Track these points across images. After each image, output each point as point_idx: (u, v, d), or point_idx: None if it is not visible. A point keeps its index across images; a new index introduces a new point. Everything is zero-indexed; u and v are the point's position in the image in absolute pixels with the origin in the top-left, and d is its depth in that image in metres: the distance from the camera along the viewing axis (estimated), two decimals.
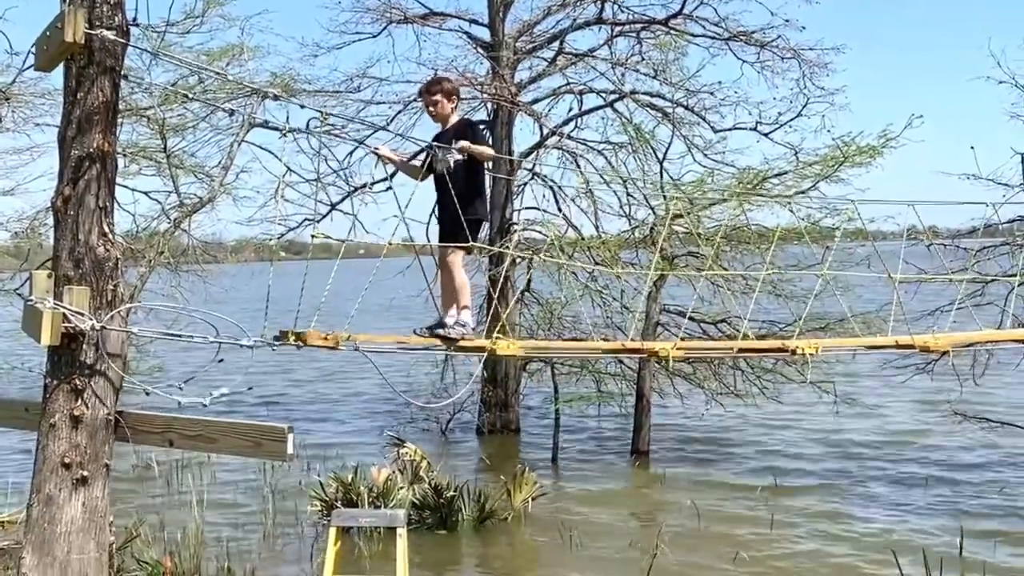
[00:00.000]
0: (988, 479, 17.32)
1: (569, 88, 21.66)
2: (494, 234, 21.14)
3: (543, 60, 21.96)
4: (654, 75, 20.89)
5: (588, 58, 21.32)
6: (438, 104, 8.00)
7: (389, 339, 7.77)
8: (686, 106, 20.71)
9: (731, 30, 20.54)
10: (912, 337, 9.26)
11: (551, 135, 21.38)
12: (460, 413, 22.12)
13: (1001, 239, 17.76)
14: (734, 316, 18.78)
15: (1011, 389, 23.47)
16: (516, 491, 15.06)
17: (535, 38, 21.82)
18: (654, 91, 21.02)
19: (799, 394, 21.60)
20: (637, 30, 21.09)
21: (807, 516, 15.29)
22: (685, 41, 20.85)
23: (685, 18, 20.59)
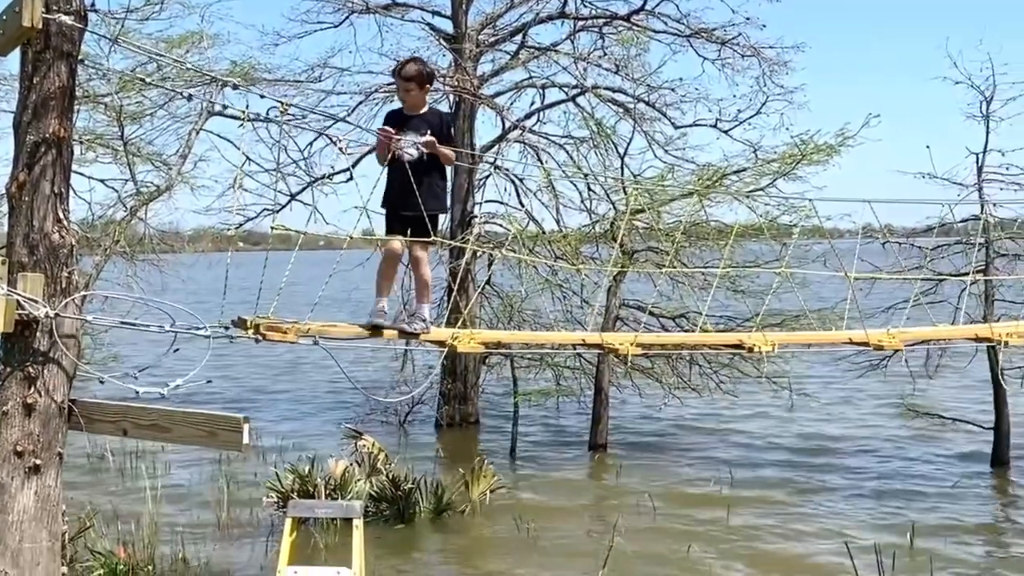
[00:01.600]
0: (939, 473, 17.56)
1: (531, 82, 21.68)
2: (455, 227, 21.14)
3: (506, 53, 21.96)
4: (616, 70, 20.96)
5: (551, 52, 21.34)
6: (412, 92, 7.81)
7: (349, 331, 7.76)
8: (647, 102, 20.80)
9: (692, 27, 20.65)
10: (867, 333, 9.37)
11: (513, 129, 21.39)
12: (419, 406, 22.11)
13: (955, 238, 17.99)
14: (693, 311, 18.91)
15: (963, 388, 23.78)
16: (474, 483, 15.08)
17: (498, 31, 21.82)
18: (616, 86, 21.12)
19: (755, 389, 21.79)
20: (600, 25, 21.15)
21: (762, 509, 15.44)
22: (647, 37, 20.93)
23: (647, 14, 20.67)
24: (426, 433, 21.57)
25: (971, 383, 23.28)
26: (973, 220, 17.09)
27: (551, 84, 21.49)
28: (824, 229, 17.64)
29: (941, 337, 11.35)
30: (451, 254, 20.07)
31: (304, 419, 23.15)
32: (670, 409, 21.80)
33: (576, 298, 20.69)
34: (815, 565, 12.87)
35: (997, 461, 17.77)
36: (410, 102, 7.86)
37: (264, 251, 7.31)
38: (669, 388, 20.78)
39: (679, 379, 20.60)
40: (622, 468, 18.00)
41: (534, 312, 21.02)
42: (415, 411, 22.10)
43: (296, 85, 20.86)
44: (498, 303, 21.49)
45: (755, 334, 9.14)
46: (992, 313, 16.79)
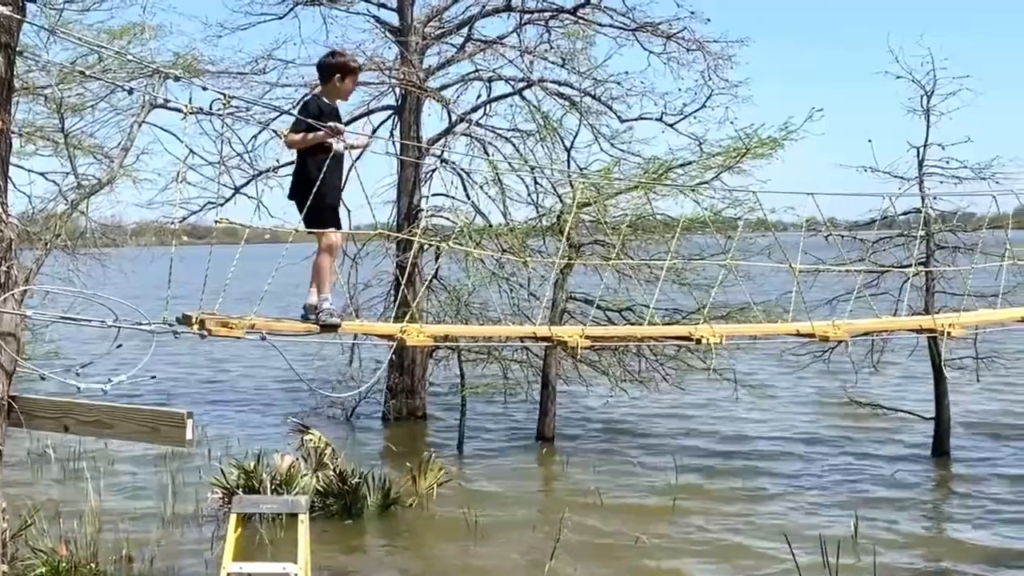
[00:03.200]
0: (881, 464, 17.83)
1: (478, 75, 21.64)
2: (402, 220, 21.07)
3: (452, 46, 21.92)
4: (562, 64, 21.00)
5: (497, 45, 21.32)
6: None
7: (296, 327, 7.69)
8: (593, 95, 20.86)
9: (638, 21, 20.73)
10: (812, 325, 9.48)
11: (459, 122, 21.35)
12: (366, 400, 22.01)
13: (897, 231, 18.24)
14: (639, 304, 19.01)
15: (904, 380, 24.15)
16: (421, 477, 15.06)
17: (444, 24, 21.76)
18: (562, 80, 21.14)
19: (701, 381, 21.97)
20: (546, 18, 21.17)
21: (708, 501, 15.58)
22: (593, 31, 21.00)
23: (593, 8, 20.72)
24: (373, 427, 21.51)
25: (912, 375, 23.66)
26: (914, 213, 17.35)
27: (498, 77, 21.49)
28: (768, 222, 17.83)
29: (885, 328, 11.51)
30: (398, 248, 19.99)
31: (250, 415, 22.98)
32: (617, 402, 21.91)
33: (523, 291, 20.71)
34: (760, 555, 13.00)
35: (938, 451, 18.07)
36: (347, 96, 7.95)
37: (209, 245, 7.23)
38: (616, 381, 20.89)
39: (626, 372, 20.71)
40: (569, 460, 18.08)
41: (481, 306, 21.03)
42: (362, 406, 22.01)
43: (240, 77, 20.65)
44: (445, 297, 21.45)
45: (703, 326, 9.20)
46: (933, 304, 17.07)
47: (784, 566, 12.20)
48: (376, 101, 22.22)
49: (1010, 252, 11.10)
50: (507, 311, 20.77)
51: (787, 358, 22.14)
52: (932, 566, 12.77)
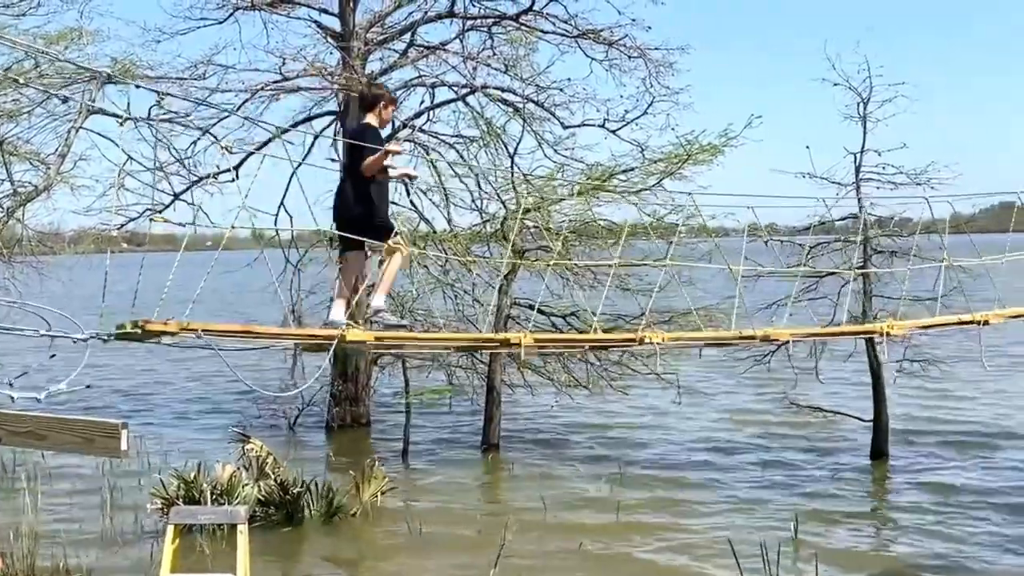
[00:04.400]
0: (821, 466, 18.03)
1: (421, 81, 21.56)
2: None
3: (395, 52, 21.82)
4: (505, 70, 20.98)
5: (440, 51, 21.25)
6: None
7: (235, 328, 7.61)
8: (536, 102, 20.88)
9: (580, 28, 20.78)
10: (754, 329, 9.59)
11: (403, 128, 21.25)
12: (309, 408, 21.84)
13: (835, 236, 18.47)
14: (583, 309, 19.06)
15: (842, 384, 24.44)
16: (365, 486, 14.96)
17: (386, 29, 21.65)
18: (505, 86, 21.12)
19: (645, 386, 22.08)
20: (489, 25, 21.15)
21: (651, 504, 15.66)
22: (535, 37, 21.00)
23: (535, 14, 20.74)
24: (317, 436, 21.34)
25: (850, 379, 23.94)
26: (852, 218, 17.58)
27: (441, 83, 21.42)
28: (709, 228, 17.99)
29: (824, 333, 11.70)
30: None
31: (192, 424, 22.70)
32: (562, 407, 21.95)
33: (467, 297, 20.68)
34: (704, 559, 13.10)
35: (876, 453, 18.32)
36: (387, 123, 9.23)
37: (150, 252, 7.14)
38: (561, 386, 20.93)
39: (571, 377, 20.75)
40: (514, 467, 18.08)
41: (426, 312, 20.96)
42: (305, 414, 21.82)
43: (179, 82, 20.38)
44: (389, 303, 21.30)
45: (651, 331, 9.29)
46: (871, 308, 17.31)
47: (728, 572, 12.30)
48: (318, 107, 22.11)
49: (946, 256, 11.28)
50: (451, 317, 20.73)
51: (729, 363, 22.34)
52: (871, 568, 12.94)
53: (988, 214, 25.62)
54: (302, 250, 21.73)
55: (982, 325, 10.16)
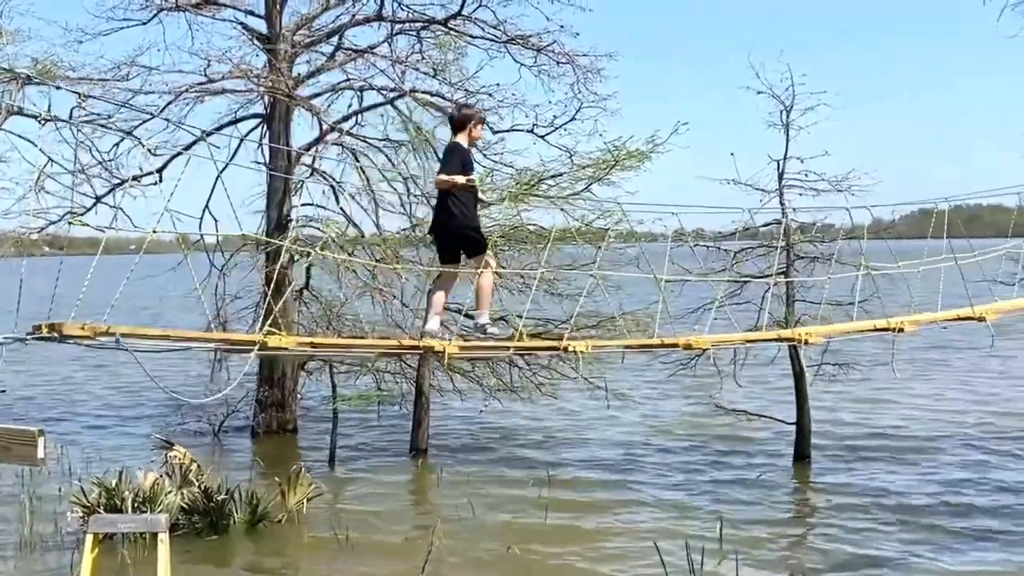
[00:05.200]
0: (745, 469, 18.26)
1: (349, 84, 21.44)
2: (271, 231, 20.72)
3: (322, 55, 21.65)
4: (434, 74, 20.93)
5: (368, 55, 21.15)
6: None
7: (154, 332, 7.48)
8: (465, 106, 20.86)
9: (509, 33, 20.82)
10: (676, 336, 9.69)
11: (330, 131, 21.12)
12: (234, 414, 21.57)
13: (758, 242, 18.71)
14: (511, 314, 19.08)
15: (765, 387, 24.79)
16: (291, 492, 14.81)
17: (314, 32, 21.49)
18: (434, 90, 21.08)
19: (573, 390, 22.17)
20: (417, 29, 21.11)
21: (579, 508, 15.73)
22: (464, 42, 21.00)
23: (464, 19, 20.74)
24: (242, 442, 21.07)
25: (773, 383, 24.29)
26: (775, 224, 17.82)
27: (369, 87, 21.31)
28: (637, 233, 18.13)
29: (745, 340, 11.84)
30: (267, 259, 19.67)
31: (114, 431, 22.29)
32: (491, 411, 21.96)
33: (396, 302, 20.58)
34: (630, 561, 13.18)
35: (799, 455, 18.59)
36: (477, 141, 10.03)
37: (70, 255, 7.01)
38: (490, 391, 20.93)
39: (499, 381, 20.76)
40: (443, 472, 18.03)
41: (354, 317, 20.84)
42: (231, 420, 21.55)
43: (101, 84, 20.02)
44: (317, 308, 21.19)
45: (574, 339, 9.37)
46: (793, 314, 17.57)
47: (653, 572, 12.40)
48: (244, 109, 21.87)
49: (864, 263, 11.48)
50: (380, 322, 20.63)
51: (655, 367, 22.52)
52: (792, 565, 13.13)
53: (908, 220, 26.13)
54: (227, 254, 21.47)
55: (897, 332, 10.36)
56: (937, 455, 19.06)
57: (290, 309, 20.60)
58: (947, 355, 32.47)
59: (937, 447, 19.74)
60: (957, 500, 15.92)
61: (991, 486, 16.68)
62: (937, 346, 33.17)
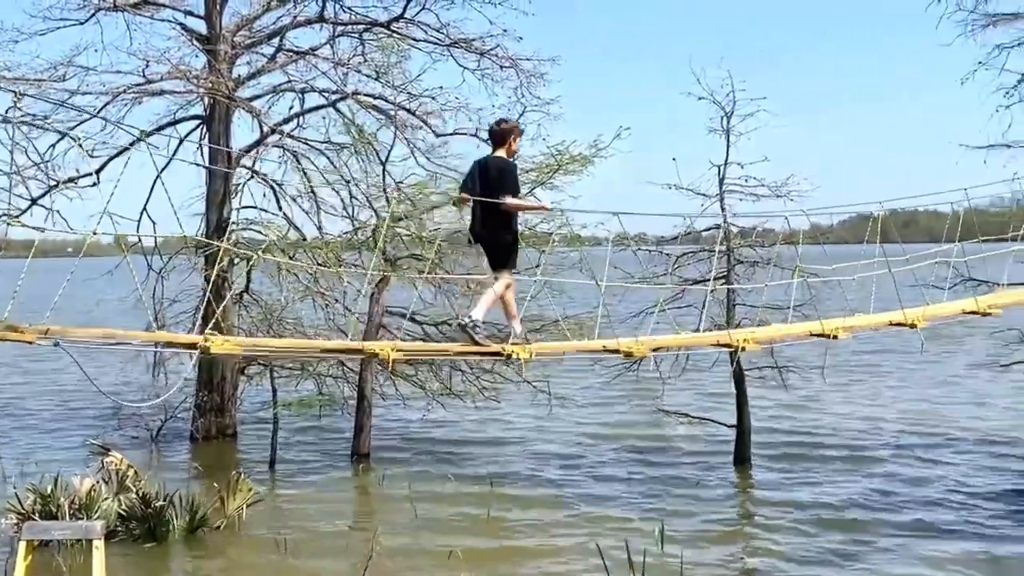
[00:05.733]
0: (687, 472, 18.38)
1: (290, 86, 21.28)
2: (211, 233, 20.50)
3: (263, 56, 21.46)
4: (376, 77, 20.83)
5: (310, 56, 21.01)
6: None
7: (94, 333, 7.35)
8: (408, 109, 20.81)
9: (452, 37, 20.82)
10: (618, 341, 9.72)
11: (271, 133, 20.94)
12: (173, 419, 21.28)
13: (700, 246, 18.85)
14: (455, 318, 19.03)
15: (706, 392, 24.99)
16: (230, 498, 14.65)
17: (255, 33, 21.28)
18: (377, 93, 20.98)
19: (516, 394, 22.17)
20: (359, 31, 21.01)
21: (522, 512, 15.73)
22: (407, 45, 20.94)
23: (407, 22, 20.69)
24: (181, 448, 20.79)
25: (711, 389, 24.49)
26: (715, 229, 17.98)
27: (311, 89, 21.16)
28: (581, 237, 18.19)
29: (684, 344, 11.89)
30: (207, 262, 19.45)
31: (51, 437, 21.88)
32: (434, 415, 21.89)
33: (338, 305, 20.47)
34: (571, 564, 13.21)
35: (739, 458, 18.76)
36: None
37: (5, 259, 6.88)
38: (433, 394, 20.86)
39: (443, 385, 20.71)
40: (385, 476, 17.94)
41: (295, 321, 20.68)
42: (169, 425, 21.26)
43: (37, 83, 19.66)
44: (257, 312, 20.99)
45: (517, 344, 9.35)
46: (734, 317, 17.73)
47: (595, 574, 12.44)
48: (183, 110, 21.62)
49: (800, 269, 11.60)
50: (322, 326, 20.51)
51: (598, 370, 22.58)
52: (733, 570, 13.25)
53: (847, 225, 26.49)
54: (166, 257, 21.22)
55: (832, 338, 10.48)
56: (871, 458, 19.35)
57: (230, 313, 20.41)
58: (883, 358, 32.98)
59: (871, 450, 20.04)
60: (888, 503, 16.22)
61: (921, 489, 16.98)
62: (874, 351, 33.71)
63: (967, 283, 16.57)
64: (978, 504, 16.01)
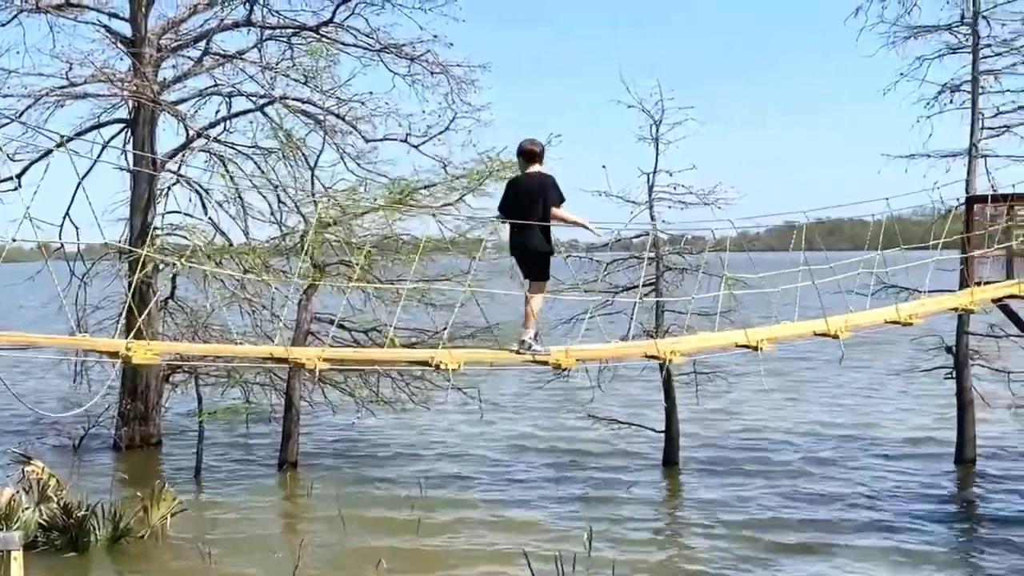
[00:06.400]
0: (616, 476, 18.47)
1: (217, 90, 21.01)
2: (135, 239, 20.14)
3: (189, 59, 21.17)
4: (305, 81, 20.66)
5: (237, 60, 20.78)
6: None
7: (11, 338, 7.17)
8: (337, 114, 20.67)
9: (382, 42, 20.74)
10: (546, 352, 9.75)
11: (197, 137, 20.66)
12: (96, 428, 20.86)
13: (630, 253, 18.98)
14: (384, 325, 18.92)
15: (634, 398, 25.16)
16: (154, 508, 14.39)
17: (181, 36, 20.98)
18: (305, 98, 20.81)
19: (446, 401, 22.12)
20: (288, 35, 20.83)
21: (450, 519, 15.67)
22: (336, 49, 20.80)
23: (336, 26, 20.56)
24: (104, 457, 20.37)
25: (644, 391, 24.66)
26: (645, 236, 18.11)
27: (238, 93, 20.93)
28: None
29: (612, 355, 11.93)
30: (130, 268, 19.12)
31: None
32: (364, 422, 21.73)
33: (266, 312, 20.23)
34: (500, 571, 13.19)
35: (668, 462, 18.91)
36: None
37: None
38: (362, 402, 20.70)
39: (372, 392, 20.56)
40: (313, 484, 17.76)
41: (222, 327, 20.40)
42: (93, 433, 20.83)
43: None
44: (183, 319, 20.68)
45: (442, 352, 9.33)
46: (662, 324, 17.87)
47: None
48: (107, 114, 21.24)
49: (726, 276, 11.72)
50: (249, 333, 20.25)
51: (528, 377, 22.60)
52: (661, 572, 13.33)
53: (774, 233, 26.89)
54: (89, 263, 20.81)
55: (758, 349, 10.60)
56: (793, 461, 19.63)
57: (154, 319, 20.09)
58: (807, 363, 33.47)
59: (793, 454, 20.35)
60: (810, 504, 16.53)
61: (840, 491, 17.28)
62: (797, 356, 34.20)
63: (889, 290, 16.94)
64: (894, 505, 16.37)
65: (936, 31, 19.48)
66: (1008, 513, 15.96)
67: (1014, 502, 16.57)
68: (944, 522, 15.59)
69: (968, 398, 18.86)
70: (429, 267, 19.42)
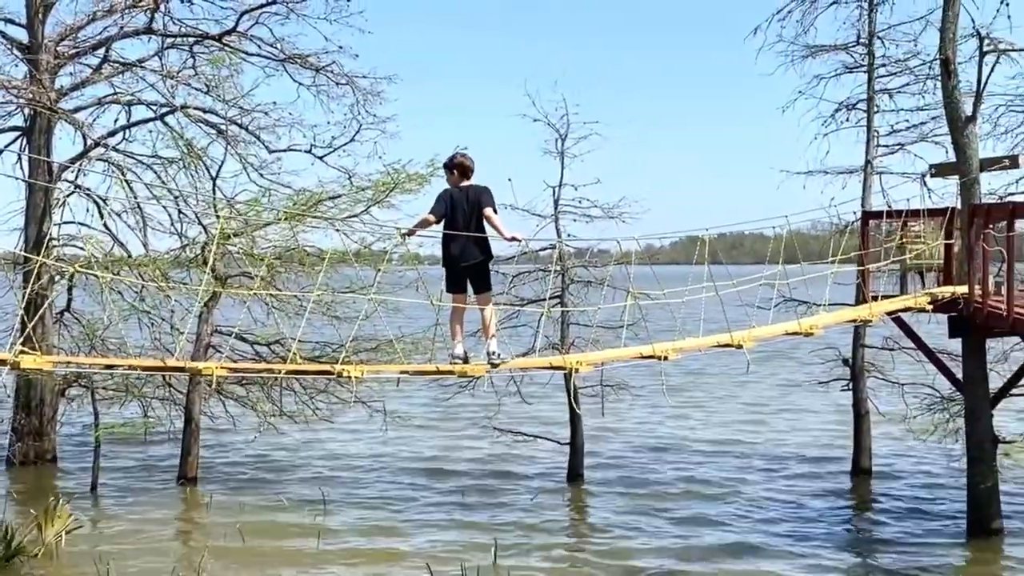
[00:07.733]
0: (520, 489, 18.53)
1: (116, 98, 20.55)
2: (30, 249, 19.58)
3: (88, 67, 20.65)
4: (207, 91, 20.30)
5: (137, 68, 20.36)
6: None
7: None
8: (240, 124, 20.38)
9: (286, 52, 20.52)
10: (452, 364, 9.78)
11: (95, 146, 20.16)
12: None
13: (536, 266, 19.09)
14: (287, 337, 18.69)
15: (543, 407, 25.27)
16: (48, 525, 14.01)
17: (79, 43, 20.48)
18: (207, 107, 20.46)
19: (350, 414, 21.93)
20: (190, 44, 20.47)
21: (353, 533, 15.56)
22: (239, 59, 20.52)
23: (240, 36, 20.28)
24: None
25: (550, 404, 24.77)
26: (551, 248, 18.24)
27: (138, 101, 20.49)
28: (419, 256, 18.13)
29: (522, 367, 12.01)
30: (24, 279, 18.57)
31: None
32: (266, 437, 21.41)
33: (165, 324, 19.82)
34: None
35: (572, 475, 19.03)
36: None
37: None
38: (264, 416, 20.39)
39: (275, 406, 20.27)
40: (213, 500, 17.46)
41: (119, 341, 19.91)
42: None
43: None
44: (79, 332, 20.15)
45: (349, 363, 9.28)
46: (568, 336, 18.00)
47: None
48: (2, 121, 20.63)
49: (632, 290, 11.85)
50: (148, 346, 19.83)
51: (434, 389, 22.54)
52: None
53: (677, 246, 27.32)
54: None
55: (663, 360, 10.78)
56: (697, 474, 19.93)
57: (49, 332, 19.56)
58: (711, 377, 34.02)
59: (697, 466, 20.67)
60: (713, 515, 16.78)
61: (743, 504, 17.62)
62: (702, 369, 34.74)
63: (789, 303, 17.35)
64: (790, 515, 16.71)
65: (833, 50, 20.03)
66: (900, 522, 16.44)
67: (907, 511, 17.07)
68: (838, 532, 15.97)
69: (864, 409, 19.38)
70: (334, 278, 19.25)
